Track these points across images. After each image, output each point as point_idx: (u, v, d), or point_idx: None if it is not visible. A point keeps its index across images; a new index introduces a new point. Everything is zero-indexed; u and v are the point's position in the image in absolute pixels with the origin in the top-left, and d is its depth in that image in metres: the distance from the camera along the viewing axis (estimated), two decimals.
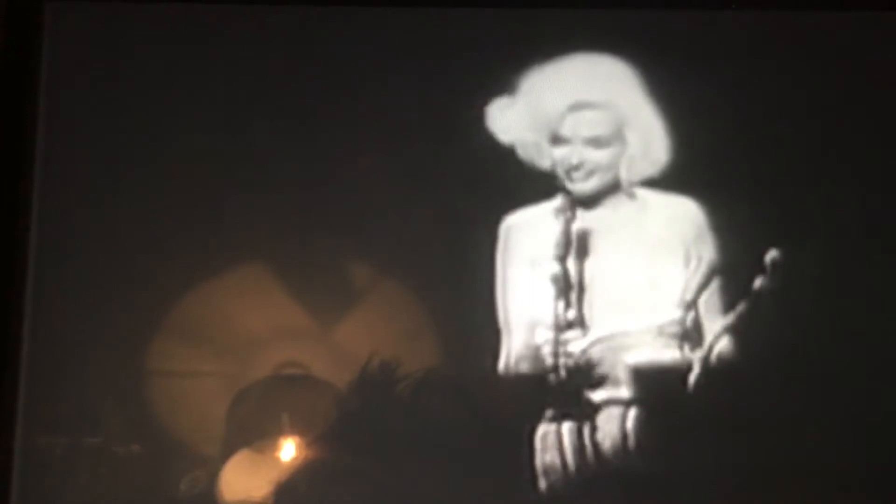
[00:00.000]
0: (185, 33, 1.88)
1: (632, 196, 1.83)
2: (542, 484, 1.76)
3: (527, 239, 1.82)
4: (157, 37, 1.88)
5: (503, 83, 1.85)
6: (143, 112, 1.85)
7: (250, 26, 1.88)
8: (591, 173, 1.82)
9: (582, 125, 1.83)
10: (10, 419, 1.76)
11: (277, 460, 1.77)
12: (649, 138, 1.83)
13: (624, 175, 1.83)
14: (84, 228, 1.82)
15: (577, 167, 1.82)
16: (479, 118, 1.84)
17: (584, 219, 1.83)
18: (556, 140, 1.83)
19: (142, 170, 1.84)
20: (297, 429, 1.78)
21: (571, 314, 1.80)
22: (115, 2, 1.89)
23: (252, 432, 1.79)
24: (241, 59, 1.86)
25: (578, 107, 1.84)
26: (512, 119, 1.84)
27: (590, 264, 1.82)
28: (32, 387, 1.77)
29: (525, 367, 1.79)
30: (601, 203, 1.83)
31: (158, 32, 1.88)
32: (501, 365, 1.79)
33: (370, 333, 1.81)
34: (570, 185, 1.83)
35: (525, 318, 1.80)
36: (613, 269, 1.81)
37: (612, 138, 1.83)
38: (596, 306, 1.80)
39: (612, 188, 1.83)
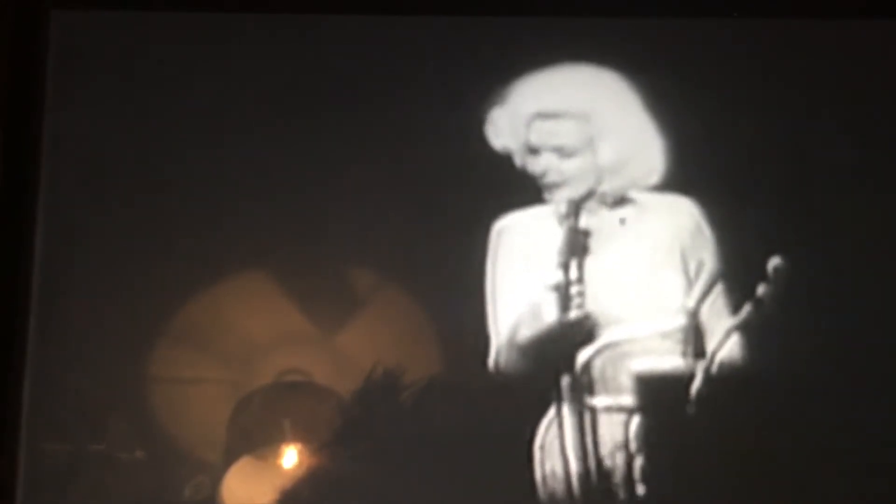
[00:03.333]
0: (188, 43, 1.88)
1: (630, 202, 1.83)
2: (544, 492, 1.76)
3: (526, 245, 1.82)
4: (162, 46, 1.89)
5: (499, 91, 1.85)
6: (148, 120, 1.86)
7: (252, 36, 1.88)
8: (559, 183, 1.82)
9: (547, 134, 1.83)
10: (15, 425, 1.77)
11: (280, 467, 1.78)
12: (635, 148, 1.83)
13: (606, 185, 1.83)
14: (89, 235, 1.83)
15: (542, 174, 1.82)
16: (479, 126, 1.85)
17: (586, 225, 1.83)
18: (530, 149, 1.84)
19: (146, 177, 1.84)
20: (300, 435, 1.78)
21: (574, 321, 1.80)
22: (121, 11, 1.89)
23: (255, 439, 1.79)
24: (244, 67, 1.87)
25: (543, 116, 1.84)
26: (503, 127, 1.84)
27: (592, 271, 1.81)
28: (36, 393, 1.78)
29: (528, 375, 1.79)
30: (601, 211, 1.83)
31: (163, 42, 1.89)
32: (504, 372, 1.79)
33: (372, 340, 1.81)
34: (547, 195, 1.83)
35: (528, 326, 1.80)
36: (615, 275, 1.81)
37: (579, 148, 1.83)
38: (598, 313, 1.80)
39: (605, 197, 1.83)
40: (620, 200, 1.83)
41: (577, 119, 1.84)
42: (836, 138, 1.85)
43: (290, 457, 1.78)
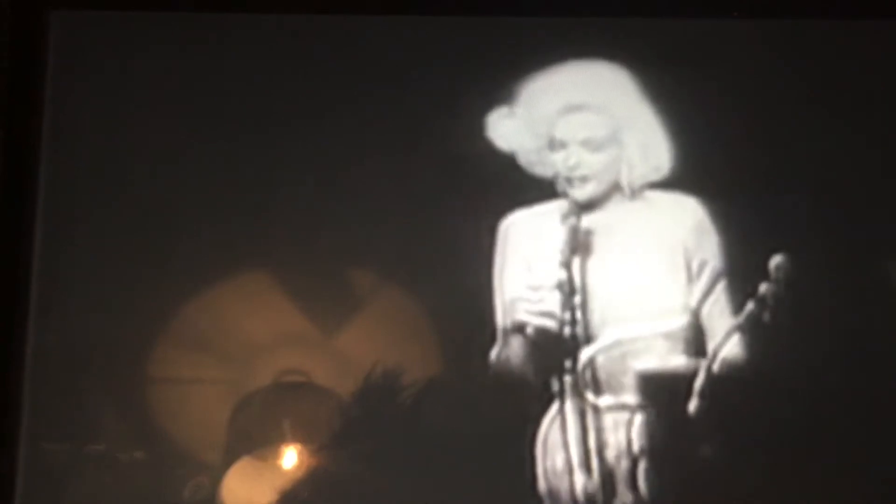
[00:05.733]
0: (188, 42, 1.88)
1: (635, 199, 1.83)
2: (545, 491, 1.76)
3: (530, 244, 1.82)
4: (161, 46, 1.89)
5: (503, 91, 1.85)
6: (147, 121, 1.86)
7: (252, 35, 1.88)
8: (588, 177, 1.82)
9: (576, 127, 1.83)
10: (14, 425, 1.77)
11: (280, 467, 1.78)
12: (649, 142, 1.83)
13: (624, 178, 1.82)
14: (88, 236, 1.83)
15: (574, 168, 1.82)
16: (481, 126, 1.84)
17: (588, 223, 1.83)
18: (553, 144, 1.83)
19: (145, 178, 1.84)
20: (300, 436, 1.78)
21: (577, 320, 1.79)
22: (121, 11, 1.90)
23: (254, 439, 1.79)
24: (243, 67, 1.87)
25: (571, 109, 1.84)
26: (511, 126, 1.84)
27: (595, 269, 1.81)
28: (36, 393, 1.78)
29: (529, 374, 1.79)
30: (604, 207, 1.83)
31: (163, 42, 1.89)
32: (505, 372, 1.79)
33: (372, 340, 1.81)
34: (570, 191, 1.82)
35: (529, 325, 1.80)
36: (618, 274, 1.81)
37: (607, 140, 1.83)
38: (601, 312, 1.80)
39: (613, 192, 1.83)
40: (635, 195, 1.83)
41: (603, 112, 1.83)
42: (839, 137, 1.85)
43: (290, 457, 1.78)
